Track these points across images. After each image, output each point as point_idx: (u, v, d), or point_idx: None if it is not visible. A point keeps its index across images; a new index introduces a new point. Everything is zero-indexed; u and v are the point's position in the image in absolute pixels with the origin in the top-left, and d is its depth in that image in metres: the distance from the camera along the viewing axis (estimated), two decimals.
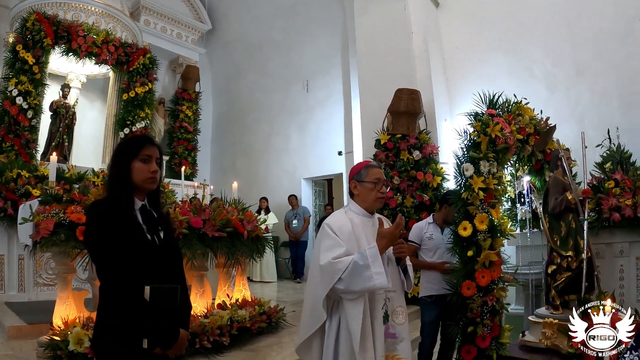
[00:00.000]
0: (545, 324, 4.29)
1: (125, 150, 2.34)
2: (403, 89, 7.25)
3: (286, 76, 12.47)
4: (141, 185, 2.31)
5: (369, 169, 2.94)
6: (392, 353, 2.82)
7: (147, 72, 10.13)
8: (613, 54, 7.71)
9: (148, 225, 2.31)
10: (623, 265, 6.04)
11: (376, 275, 2.53)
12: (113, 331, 2.17)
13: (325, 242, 2.74)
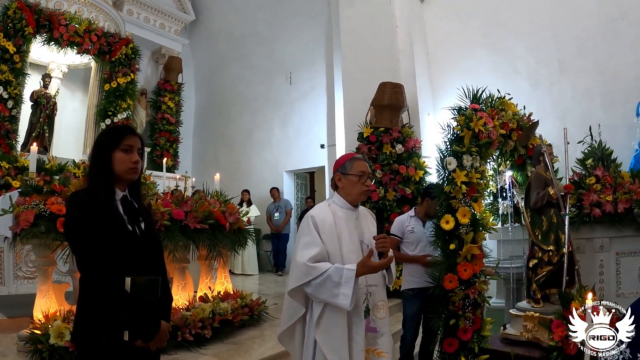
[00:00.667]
0: (526, 317, 4.33)
1: (106, 140, 2.31)
2: (387, 83, 7.26)
3: (269, 68, 12.43)
4: (122, 176, 2.28)
5: (354, 161, 2.92)
6: (373, 347, 2.83)
7: (129, 63, 10.06)
8: (596, 53, 7.78)
9: (129, 216, 2.29)
10: (603, 260, 6.10)
11: (342, 296, 2.56)
12: (94, 323, 2.15)
13: (304, 238, 2.74)
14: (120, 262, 2.15)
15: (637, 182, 6.15)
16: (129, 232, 2.25)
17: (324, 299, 2.62)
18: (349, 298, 2.56)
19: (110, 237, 2.14)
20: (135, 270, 2.19)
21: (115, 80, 9.78)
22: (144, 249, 2.29)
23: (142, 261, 2.26)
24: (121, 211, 2.27)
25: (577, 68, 7.98)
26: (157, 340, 2.24)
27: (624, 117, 7.40)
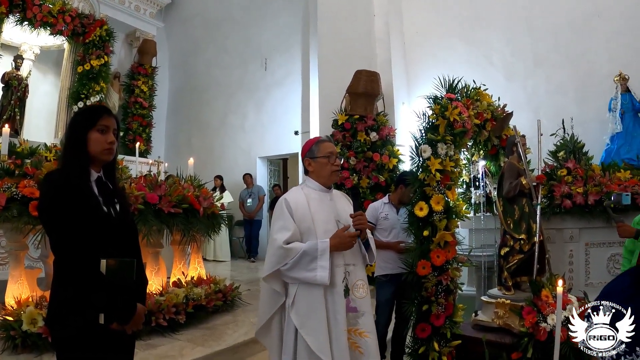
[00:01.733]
0: (497, 304, 4.38)
1: (81, 120, 2.27)
2: (362, 71, 7.28)
3: (245, 54, 12.36)
4: (97, 157, 2.25)
5: (320, 144, 2.99)
6: (355, 327, 2.84)
7: (103, 45, 9.89)
8: (570, 48, 7.91)
9: (104, 197, 2.26)
10: (573, 250, 6.24)
11: (320, 269, 2.62)
12: (68, 307, 2.12)
13: (277, 222, 2.78)
14: (95, 244, 2.12)
15: (607, 175, 6.28)
16: (103, 214, 2.22)
17: (302, 277, 2.65)
18: (326, 270, 2.61)
19: (85, 219, 2.11)
20: (110, 252, 2.17)
21: (88, 63, 9.62)
22: (119, 231, 2.27)
23: (117, 243, 2.23)
24: (96, 192, 2.23)
25: (551, 62, 8.09)
26: (133, 323, 2.21)
27: (596, 112, 7.54)
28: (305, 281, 2.68)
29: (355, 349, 2.82)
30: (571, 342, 3.78)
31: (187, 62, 13.52)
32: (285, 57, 11.55)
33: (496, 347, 4.10)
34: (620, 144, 7.11)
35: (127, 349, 2.37)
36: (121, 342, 2.26)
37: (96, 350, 2.14)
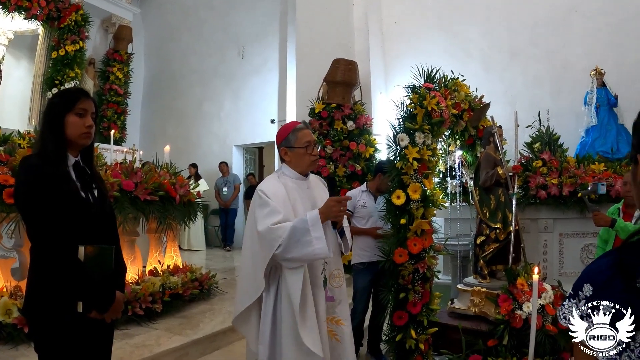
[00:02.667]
0: (473, 292, 4.43)
1: (59, 103, 2.22)
2: (340, 59, 7.28)
3: (222, 41, 12.24)
4: (75, 141, 2.20)
5: (297, 132, 2.88)
6: (332, 316, 2.85)
7: (78, 30, 9.73)
8: (547, 42, 7.99)
9: (81, 182, 2.21)
10: (547, 240, 6.33)
11: (316, 240, 2.50)
12: (46, 295, 2.08)
13: (262, 209, 2.67)
14: (72, 230, 2.08)
15: (582, 167, 6.38)
16: (81, 199, 2.17)
17: (301, 255, 2.53)
18: (323, 241, 2.51)
19: (63, 204, 2.06)
20: (88, 238, 2.13)
21: (63, 48, 9.46)
22: (97, 216, 2.22)
23: (95, 229, 2.19)
24: (74, 177, 2.19)
25: (528, 55, 8.18)
26: (112, 311, 2.18)
27: (571, 105, 7.64)
28: (304, 260, 2.56)
29: (332, 337, 2.84)
30: (546, 330, 3.87)
31: (163, 49, 13.33)
32: (262, 44, 11.48)
33: (472, 334, 4.15)
34: (595, 137, 7.21)
35: (105, 338, 2.34)
36: (99, 330, 2.23)
37: (74, 339, 2.10)
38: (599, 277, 1.20)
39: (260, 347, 2.76)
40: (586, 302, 1.18)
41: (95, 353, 2.25)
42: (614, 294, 1.15)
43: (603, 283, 1.18)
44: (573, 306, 1.21)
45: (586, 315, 1.18)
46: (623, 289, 1.14)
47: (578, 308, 1.20)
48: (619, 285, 1.15)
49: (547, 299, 4.06)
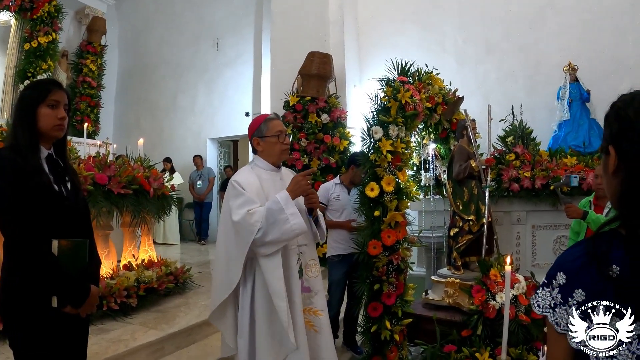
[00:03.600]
0: (447, 283, 4.49)
1: (31, 94, 2.19)
2: (315, 52, 7.28)
3: (196, 33, 12.18)
4: (48, 133, 2.17)
5: (269, 122, 2.94)
6: (309, 307, 2.88)
7: (51, 21, 9.53)
8: (521, 37, 8.08)
9: (55, 175, 2.19)
10: (520, 232, 6.43)
11: (291, 217, 2.56)
12: (19, 290, 2.06)
13: (236, 199, 2.70)
14: (46, 224, 2.06)
15: (554, 160, 6.48)
16: (55, 193, 2.15)
17: (279, 235, 2.59)
18: (299, 216, 2.59)
19: (36, 198, 2.04)
20: (62, 232, 2.11)
21: (36, 40, 9.27)
22: (70, 210, 2.20)
23: (68, 223, 2.17)
24: (47, 170, 2.16)
25: (502, 50, 8.26)
26: (87, 306, 2.16)
27: (544, 100, 7.74)
28: (283, 239, 2.62)
29: (310, 328, 2.87)
30: (519, 320, 3.93)
31: (137, 41, 13.19)
32: (237, 37, 11.45)
33: (447, 324, 4.20)
34: (568, 131, 7.32)
35: (81, 333, 2.33)
36: (75, 325, 2.22)
37: (49, 334, 2.09)
38: (572, 265, 1.23)
39: (239, 340, 2.78)
40: (560, 290, 1.22)
41: (71, 348, 2.23)
42: (587, 282, 1.18)
43: (576, 271, 1.21)
44: (547, 294, 1.25)
45: (559, 303, 1.22)
46: (595, 277, 1.17)
47: (551, 296, 1.23)
48: (591, 273, 1.18)
49: (520, 289, 4.13)
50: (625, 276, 1.14)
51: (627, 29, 7.39)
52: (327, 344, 2.93)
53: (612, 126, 1.26)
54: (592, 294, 1.17)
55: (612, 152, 1.25)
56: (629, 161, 1.21)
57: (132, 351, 3.66)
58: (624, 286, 1.14)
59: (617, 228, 1.22)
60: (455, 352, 3.93)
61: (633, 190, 1.20)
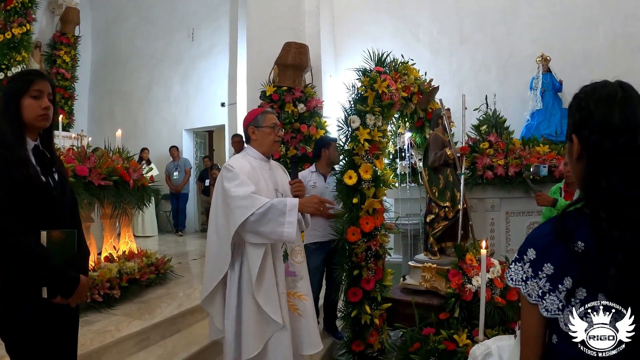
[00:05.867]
0: (424, 268, 4.61)
1: (14, 86, 2.19)
2: (292, 43, 7.31)
3: (170, 23, 12.14)
4: (33, 124, 2.18)
5: (266, 114, 3.12)
6: (293, 290, 3.01)
7: (25, 12, 9.38)
8: (495, 28, 8.22)
9: (42, 166, 2.19)
10: (494, 219, 6.57)
11: (288, 224, 2.66)
12: (9, 281, 2.08)
13: (232, 181, 2.80)
14: (34, 215, 2.08)
15: (527, 148, 6.63)
16: (42, 184, 2.15)
17: (268, 231, 2.69)
18: (294, 226, 2.68)
19: (23, 189, 2.05)
20: (50, 223, 2.13)
21: (9, 31, 9.11)
22: (58, 201, 2.22)
23: (56, 214, 2.19)
24: (33, 162, 2.16)
25: (476, 41, 8.39)
26: (77, 296, 2.17)
27: (517, 90, 7.89)
28: (268, 237, 2.72)
29: (294, 311, 2.99)
30: (495, 302, 4.06)
31: (110, 32, 13.05)
32: (212, 27, 11.46)
33: (425, 308, 4.33)
34: (540, 121, 7.47)
35: (71, 324, 2.35)
36: (65, 316, 2.23)
37: (40, 325, 2.11)
38: (541, 242, 1.35)
39: (226, 322, 2.89)
40: (530, 265, 1.35)
41: (62, 339, 2.25)
42: (555, 256, 1.31)
43: (545, 247, 1.34)
44: (519, 269, 1.37)
45: (530, 276, 1.34)
46: (562, 252, 1.30)
47: (523, 270, 1.36)
48: (559, 249, 1.31)
49: (495, 273, 4.27)
50: (589, 251, 1.27)
51: (598, 21, 7.57)
52: (311, 327, 3.05)
53: (575, 116, 1.40)
54: (559, 267, 1.30)
55: (575, 140, 1.39)
56: (589, 148, 1.34)
57: (118, 341, 3.69)
58: (587, 261, 1.27)
59: (582, 208, 1.35)
60: (434, 335, 4.04)
61: (594, 174, 1.32)
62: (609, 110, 1.32)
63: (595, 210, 1.29)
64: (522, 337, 1.45)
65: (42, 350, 2.13)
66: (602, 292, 1.27)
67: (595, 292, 1.28)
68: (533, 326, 1.40)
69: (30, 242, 2.03)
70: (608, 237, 1.25)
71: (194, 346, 3.97)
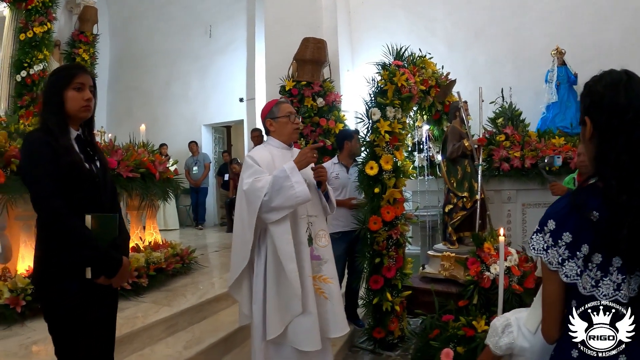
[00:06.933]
0: (443, 257, 4.72)
1: (57, 80, 2.29)
2: (310, 38, 7.38)
3: (187, 20, 12.24)
4: (75, 115, 2.27)
5: (280, 105, 3.19)
6: (318, 274, 3.08)
7: (46, 11, 9.53)
8: (508, 23, 8.26)
9: (84, 154, 2.29)
10: (510, 210, 6.64)
11: (297, 184, 2.77)
12: (54, 263, 2.15)
13: (247, 171, 2.93)
14: (79, 199, 2.17)
15: (543, 141, 6.68)
16: (86, 170, 2.25)
17: (284, 199, 2.79)
18: (303, 184, 2.78)
19: (69, 175, 2.15)
20: (93, 208, 2.21)
21: (31, 30, 9.28)
22: (100, 186, 2.31)
23: (99, 199, 2.28)
24: (77, 150, 2.26)
25: (490, 35, 8.43)
26: (120, 276, 2.26)
27: (532, 83, 7.91)
28: (285, 206, 2.81)
29: (320, 294, 3.06)
30: (512, 289, 4.15)
31: (127, 30, 13.17)
32: (229, 24, 11.57)
33: (444, 296, 4.44)
34: (555, 113, 7.52)
35: (111, 306, 2.44)
36: (106, 298, 2.33)
37: (83, 306, 2.18)
38: (559, 213, 1.51)
39: (254, 306, 3.01)
40: (550, 234, 1.50)
41: (103, 320, 2.34)
42: (572, 226, 1.47)
43: (563, 217, 1.49)
44: (540, 239, 1.52)
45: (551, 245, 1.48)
46: (579, 222, 1.45)
47: (544, 240, 1.50)
48: (576, 219, 1.46)
49: (512, 261, 4.34)
50: (603, 220, 1.43)
51: (608, 15, 7.58)
52: (337, 310, 3.12)
53: (585, 100, 1.57)
54: (577, 235, 1.47)
55: (587, 122, 1.55)
56: (600, 128, 1.51)
57: (147, 327, 3.79)
58: (602, 228, 1.43)
59: (595, 182, 1.52)
60: (453, 321, 4.13)
61: (604, 149, 1.48)
62: (616, 93, 1.48)
63: (607, 179, 1.45)
64: (544, 304, 1.59)
65: (84, 332, 2.20)
66: (616, 256, 1.43)
67: (609, 256, 1.44)
68: (554, 292, 1.55)
69: (76, 224, 2.12)
70: (618, 203, 1.41)
71: (220, 332, 4.08)
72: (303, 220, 3.02)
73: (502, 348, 1.94)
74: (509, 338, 1.92)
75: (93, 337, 2.25)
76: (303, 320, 2.92)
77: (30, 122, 5.45)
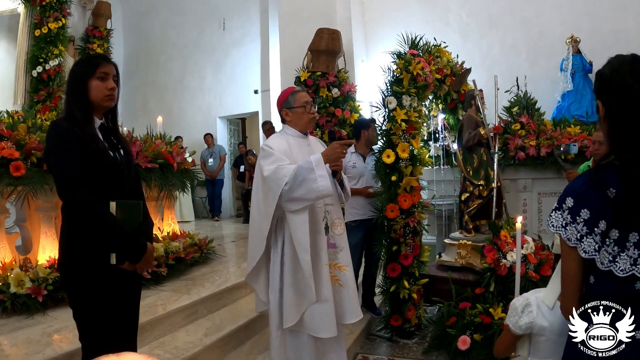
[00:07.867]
0: (460, 245, 4.73)
1: (81, 70, 2.33)
2: (324, 29, 7.38)
3: (201, 14, 12.28)
4: (99, 104, 2.31)
5: (296, 94, 3.16)
6: (334, 262, 3.11)
7: (60, 7, 9.63)
8: (523, 11, 8.20)
9: (108, 142, 2.33)
10: (526, 199, 6.64)
11: (320, 178, 2.75)
12: (79, 249, 2.19)
13: (267, 159, 2.92)
14: (104, 187, 2.21)
15: (558, 129, 6.66)
16: (110, 158, 2.29)
17: (305, 191, 2.77)
18: (326, 179, 2.76)
19: (94, 163, 2.19)
20: (119, 195, 2.25)
21: (46, 26, 9.37)
22: (125, 174, 2.35)
23: (123, 186, 2.32)
24: (101, 138, 2.30)
25: (505, 24, 8.38)
26: (144, 261, 2.30)
27: (547, 72, 7.87)
28: (306, 198, 2.80)
29: (335, 282, 3.09)
30: (529, 276, 4.16)
31: (141, 24, 13.23)
32: (243, 17, 11.61)
33: (460, 284, 4.46)
34: (571, 102, 7.48)
35: (134, 292, 2.48)
36: (130, 284, 2.37)
37: (108, 292, 2.22)
38: (577, 190, 1.54)
39: (271, 294, 3.04)
40: (569, 211, 1.53)
41: (126, 307, 2.38)
42: (590, 203, 1.49)
43: (581, 195, 1.51)
44: (559, 216, 1.55)
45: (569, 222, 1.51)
46: (597, 199, 1.47)
47: (562, 217, 1.53)
48: (594, 195, 1.49)
49: (528, 249, 4.36)
50: (620, 196, 1.47)
51: (627, 2, 7.52)
52: (352, 297, 3.15)
53: (596, 84, 1.63)
54: (594, 212, 1.51)
55: (599, 104, 1.60)
56: (610, 108, 1.56)
57: (169, 314, 3.85)
58: (619, 204, 1.46)
59: (612, 160, 1.54)
60: (470, 309, 4.17)
61: (617, 129, 1.53)
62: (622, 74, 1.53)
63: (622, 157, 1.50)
64: (563, 279, 1.63)
65: (109, 317, 2.24)
66: (633, 231, 1.47)
67: (626, 232, 1.47)
68: (573, 268, 1.58)
69: (101, 211, 2.16)
70: (633, 178, 1.45)
71: (240, 319, 4.13)
72: (320, 209, 3.04)
73: (522, 327, 1.96)
74: (528, 317, 1.94)
75: (117, 322, 2.29)
76: (319, 307, 2.95)
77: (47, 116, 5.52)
